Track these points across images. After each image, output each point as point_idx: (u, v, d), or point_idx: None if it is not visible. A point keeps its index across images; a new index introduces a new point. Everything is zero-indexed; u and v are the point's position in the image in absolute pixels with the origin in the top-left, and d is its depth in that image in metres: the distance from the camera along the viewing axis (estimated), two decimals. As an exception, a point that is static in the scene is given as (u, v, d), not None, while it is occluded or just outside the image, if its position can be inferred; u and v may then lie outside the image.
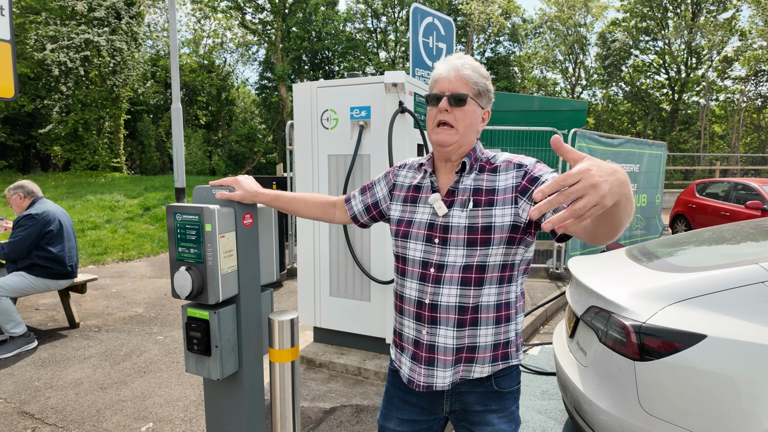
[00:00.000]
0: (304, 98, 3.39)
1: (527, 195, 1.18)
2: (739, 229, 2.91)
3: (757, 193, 7.73)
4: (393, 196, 1.42)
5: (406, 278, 1.31)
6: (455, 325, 1.23)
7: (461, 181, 1.27)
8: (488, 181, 1.24)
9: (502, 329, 1.26)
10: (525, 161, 1.23)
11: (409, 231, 1.31)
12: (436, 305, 1.23)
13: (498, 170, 1.25)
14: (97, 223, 8.78)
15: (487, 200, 1.22)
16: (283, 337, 1.65)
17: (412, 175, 1.40)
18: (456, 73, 1.23)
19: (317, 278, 3.51)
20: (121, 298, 5.22)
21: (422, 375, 1.27)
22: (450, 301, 1.22)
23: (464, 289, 1.21)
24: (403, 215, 1.35)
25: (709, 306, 1.94)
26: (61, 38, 15.46)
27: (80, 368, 3.45)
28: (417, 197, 1.34)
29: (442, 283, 1.23)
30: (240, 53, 29.53)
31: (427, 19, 4.87)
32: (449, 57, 1.28)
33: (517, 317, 1.29)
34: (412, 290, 1.28)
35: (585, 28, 26.42)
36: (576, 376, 2.31)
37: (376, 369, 3.23)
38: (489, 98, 1.29)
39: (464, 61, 1.25)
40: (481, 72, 1.26)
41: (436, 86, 1.27)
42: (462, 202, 1.24)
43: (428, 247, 1.26)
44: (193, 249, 1.56)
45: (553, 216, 0.79)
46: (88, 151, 17.61)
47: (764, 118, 24.99)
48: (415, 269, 1.28)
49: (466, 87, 1.23)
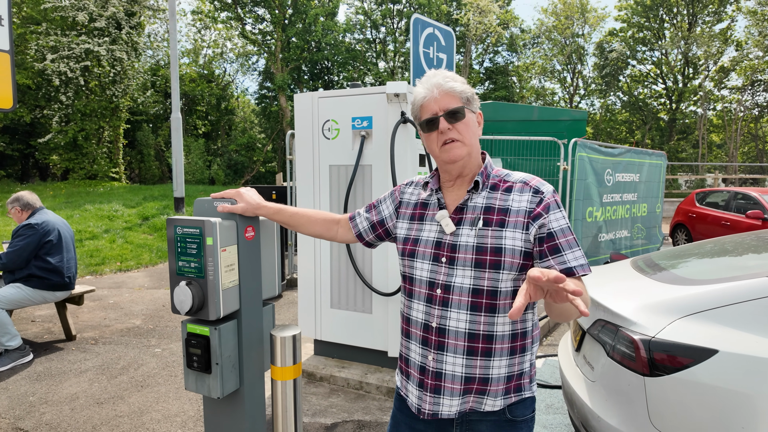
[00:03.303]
0: (306, 108, 3.37)
1: (537, 221, 1.16)
2: (740, 241, 2.89)
3: (757, 202, 7.72)
4: (399, 214, 1.39)
5: (413, 299, 1.27)
6: (465, 352, 1.18)
7: (471, 198, 1.23)
8: (501, 200, 1.20)
9: (516, 360, 1.21)
10: (542, 188, 1.20)
11: (415, 249, 1.26)
12: (444, 329, 1.19)
13: (512, 190, 1.21)
14: (95, 233, 8.73)
15: (498, 220, 1.18)
16: (285, 354, 1.61)
17: (418, 193, 1.36)
18: (440, 90, 1.19)
19: (318, 290, 3.46)
20: (118, 310, 5.15)
21: (428, 402, 1.22)
22: (459, 326, 1.17)
23: (474, 315, 1.17)
24: (409, 233, 1.31)
25: (719, 320, 1.91)
26: (62, 48, 15.51)
27: (76, 382, 3.38)
28: (424, 214, 1.30)
29: (449, 306, 1.18)
30: (240, 63, 29.70)
31: (427, 29, 4.89)
32: (425, 78, 1.24)
33: (533, 347, 1.25)
34: (419, 312, 1.24)
35: (583, 38, 26.64)
36: (583, 391, 2.27)
37: (378, 383, 3.17)
38: (476, 100, 1.26)
39: (443, 75, 1.22)
40: (461, 80, 1.24)
41: (424, 110, 1.22)
42: (471, 221, 1.20)
43: (435, 266, 1.21)
44: (194, 263, 1.52)
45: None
46: (87, 161, 17.58)
47: (761, 127, 25.12)
48: (421, 290, 1.24)
49: (456, 99, 1.19)
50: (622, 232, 7.09)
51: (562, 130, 7.88)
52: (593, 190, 6.28)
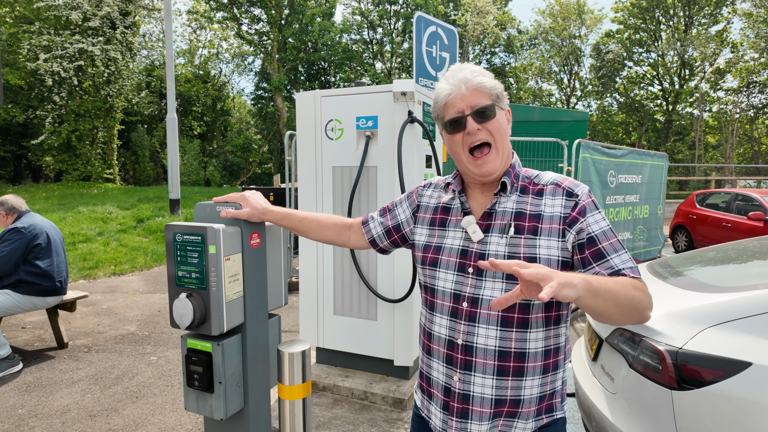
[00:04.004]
0: (308, 108, 3.25)
1: (574, 227, 1.05)
2: (759, 246, 2.79)
3: (758, 204, 7.67)
4: (417, 219, 1.27)
5: (435, 313, 1.15)
6: (495, 372, 1.07)
7: (500, 202, 1.11)
8: (532, 205, 1.09)
9: (549, 379, 1.10)
10: (576, 189, 1.09)
11: (438, 258, 1.15)
12: (471, 347, 1.08)
13: (543, 193, 1.10)
14: (88, 236, 8.55)
15: (531, 227, 1.07)
16: (293, 372, 1.49)
17: (438, 195, 1.25)
18: (468, 85, 1.07)
19: (320, 295, 3.34)
20: (112, 315, 5.00)
21: (455, 428, 1.11)
22: (488, 343, 1.06)
23: (505, 331, 1.06)
24: (430, 240, 1.19)
25: (750, 330, 1.81)
26: (55, 48, 15.29)
27: (68, 393, 3.24)
28: (446, 220, 1.19)
29: (477, 321, 1.07)
30: (236, 64, 29.51)
31: (430, 28, 4.78)
32: (449, 73, 1.13)
33: (565, 362, 1.15)
34: (442, 327, 1.13)
35: (580, 39, 26.67)
36: (603, 404, 2.16)
37: (384, 393, 3.05)
38: (506, 96, 1.14)
39: (471, 70, 1.10)
40: (489, 75, 1.12)
41: (449, 108, 1.10)
42: (501, 227, 1.09)
43: (460, 277, 1.10)
44: (195, 273, 1.40)
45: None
46: (81, 162, 17.34)
47: (757, 128, 25.23)
48: (445, 303, 1.13)
49: (485, 96, 1.08)
50: (624, 234, 7.01)
51: (563, 131, 7.81)
52: (597, 192, 6.19)
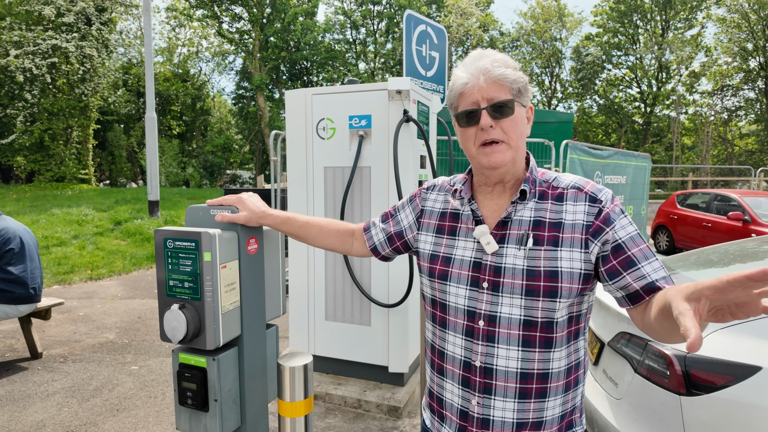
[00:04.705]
0: (298, 106, 3.14)
1: (599, 238, 0.96)
2: (758, 247, 2.79)
3: (737, 204, 7.83)
4: (421, 225, 1.17)
5: (447, 331, 1.06)
6: (517, 396, 0.99)
7: (516, 210, 1.02)
8: (552, 212, 1.00)
9: (570, 396, 1.03)
10: (600, 194, 0.99)
11: (448, 271, 1.06)
12: (491, 369, 0.99)
13: (564, 198, 1.01)
14: (63, 239, 8.22)
15: (551, 237, 0.97)
16: (295, 387, 1.39)
17: (444, 199, 1.15)
18: (487, 76, 0.96)
19: (311, 300, 3.23)
20: (89, 323, 4.78)
21: None
22: (509, 365, 0.98)
23: (528, 352, 0.98)
24: (437, 250, 1.10)
25: (759, 333, 1.78)
26: (27, 44, 14.74)
27: (42, 407, 3.05)
28: (456, 228, 1.09)
29: (497, 342, 0.99)
30: (216, 62, 29.02)
31: (420, 26, 4.71)
32: (469, 60, 1.01)
33: (585, 376, 1.08)
34: (457, 347, 1.04)
35: (560, 42, 27.04)
36: (607, 410, 2.11)
37: (379, 401, 2.96)
38: (529, 91, 1.04)
39: (493, 59, 0.98)
40: (514, 65, 1.00)
41: (464, 99, 1.00)
42: (518, 238, 0.99)
43: (474, 292, 1.01)
44: (188, 283, 1.28)
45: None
46: (54, 162, 16.77)
47: (730, 131, 25.99)
48: (458, 320, 1.04)
49: (504, 90, 0.97)
50: (610, 235, 7.06)
51: (549, 132, 7.83)
52: (584, 193, 6.21)
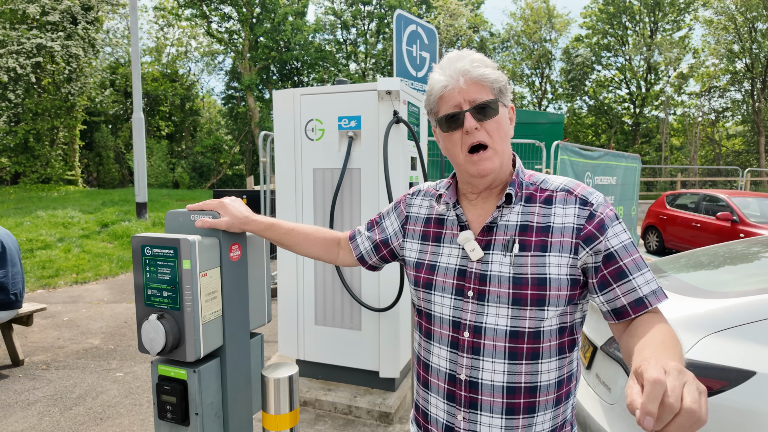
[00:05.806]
0: (286, 107, 3.08)
1: (592, 246, 0.91)
2: (747, 249, 2.79)
3: (726, 204, 7.90)
4: (406, 232, 1.13)
5: (432, 342, 1.02)
6: (504, 411, 0.94)
7: (502, 215, 0.98)
8: (540, 216, 0.95)
9: (561, 410, 0.99)
10: (591, 197, 0.95)
11: (432, 279, 1.02)
12: (476, 383, 0.95)
13: (552, 201, 0.96)
14: (47, 242, 8.06)
15: (539, 242, 0.93)
16: (280, 399, 1.33)
17: (429, 205, 1.11)
18: (466, 77, 0.93)
19: (300, 304, 3.17)
20: (74, 328, 4.67)
21: None
22: (495, 379, 0.94)
23: (514, 364, 0.93)
24: (422, 257, 1.06)
25: (752, 337, 1.76)
26: (10, 43, 14.48)
27: (23, 417, 2.96)
28: (440, 234, 1.05)
29: (482, 354, 0.94)
30: (205, 62, 28.76)
31: (410, 26, 4.67)
32: (446, 62, 0.97)
33: (576, 388, 1.03)
34: (441, 359, 1.00)
35: (551, 43, 27.22)
36: (600, 415, 2.09)
37: (369, 407, 2.91)
38: (509, 90, 1.00)
39: (471, 59, 0.95)
40: (492, 64, 0.97)
41: (444, 103, 0.96)
42: (504, 244, 0.95)
43: (459, 302, 0.97)
44: (167, 292, 1.23)
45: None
46: (40, 164, 16.50)
47: (717, 131, 26.34)
48: (443, 331, 0.99)
49: (486, 90, 0.94)
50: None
51: (540, 133, 7.84)
52: (575, 194, 6.22)
